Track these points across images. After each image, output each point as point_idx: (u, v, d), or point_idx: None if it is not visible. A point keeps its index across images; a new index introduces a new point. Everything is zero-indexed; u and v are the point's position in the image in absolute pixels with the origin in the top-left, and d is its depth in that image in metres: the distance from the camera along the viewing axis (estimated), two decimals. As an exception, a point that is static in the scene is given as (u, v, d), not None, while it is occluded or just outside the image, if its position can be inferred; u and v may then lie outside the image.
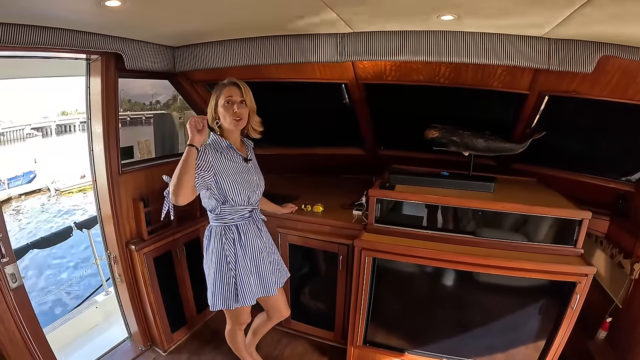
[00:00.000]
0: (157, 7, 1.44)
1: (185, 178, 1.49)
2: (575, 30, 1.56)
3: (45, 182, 16.78)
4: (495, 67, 1.92)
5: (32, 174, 16.97)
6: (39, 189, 16.66)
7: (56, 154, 20.52)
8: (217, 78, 2.09)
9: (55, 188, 16.55)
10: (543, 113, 2.20)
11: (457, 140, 2.17)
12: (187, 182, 1.50)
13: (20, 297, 1.78)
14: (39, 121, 29.11)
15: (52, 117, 30.29)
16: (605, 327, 2.51)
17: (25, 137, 25.85)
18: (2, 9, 1.30)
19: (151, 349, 2.43)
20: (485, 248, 1.94)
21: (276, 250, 1.96)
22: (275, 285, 1.86)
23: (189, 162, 1.49)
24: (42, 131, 28.71)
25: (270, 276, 1.84)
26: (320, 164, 3.03)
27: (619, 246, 2.42)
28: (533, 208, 1.89)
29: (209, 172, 1.59)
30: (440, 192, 2.01)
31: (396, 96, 2.35)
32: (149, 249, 2.22)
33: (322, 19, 1.62)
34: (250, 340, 2.17)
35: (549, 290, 1.93)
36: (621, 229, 2.37)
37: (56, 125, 29.93)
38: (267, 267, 1.83)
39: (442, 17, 1.55)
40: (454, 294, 2.11)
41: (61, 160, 18.75)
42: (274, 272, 1.86)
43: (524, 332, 2.04)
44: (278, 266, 1.92)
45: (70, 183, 16.86)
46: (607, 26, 1.45)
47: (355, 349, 2.20)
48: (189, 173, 1.50)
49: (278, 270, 1.91)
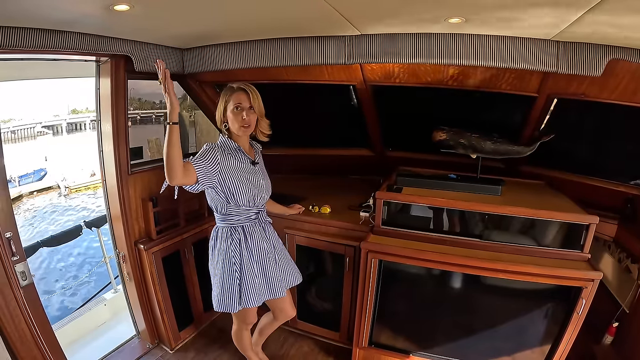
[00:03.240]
0: (165, 10, 1.44)
1: (170, 156, 1.43)
2: (585, 33, 1.53)
3: (56, 180, 17.00)
4: (504, 69, 1.90)
5: (43, 171, 17.21)
6: (49, 187, 16.88)
7: (67, 152, 20.78)
8: (225, 79, 2.10)
9: (66, 185, 16.77)
10: (552, 116, 2.16)
11: (464, 143, 2.15)
12: (173, 160, 1.44)
13: (30, 294, 1.80)
14: (50, 119, 29.46)
15: (62, 115, 30.64)
16: (611, 332, 2.48)
17: (36, 135, 26.17)
18: (16, 14, 1.32)
19: (158, 346, 2.46)
20: (491, 252, 1.92)
21: (286, 254, 1.96)
22: (281, 288, 1.85)
23: (171, 140, 1.42)
24: (52, 129, 29.05)
25: (276, 279, 1.84)
26: (328, 164, 3.03)
27: (627, 251, 2.37)
28: (540, 212, 1.87)
29: (215, 168, 1.60)
30: (447, 195, 2.00)
31: (404, 98, 2.34)
32: (157, 248, 2.24)
33: (330, 21, 1.61)
34: (257, 339, 2.18)
35: (555, 294, 1.92)
36: (629, 233, 2.34)
37: (67, 123, 30.27)
38: (273, 269, 1.83)
39: (450, 19, 1.54)
40: (460, 296, 2.10)
41: (72, 158, 18.99)
42: (280, 275, 1.87)
43: (530, 336, 2.02)
44: (286, 269, 1.92)
45: (81, 180, 17.08)
46: (616, 29, 1.42)
47: (360, 350, 2.19)
48: (173, 150, 1.43)
49: (285, 273, 1.90)
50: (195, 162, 1.56)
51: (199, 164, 1.56)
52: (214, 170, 1.60)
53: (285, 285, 1.89)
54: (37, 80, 5.11)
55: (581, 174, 2.40)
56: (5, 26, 1.42)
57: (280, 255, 1.90)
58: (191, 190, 1.62)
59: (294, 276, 1.96)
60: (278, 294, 1.84)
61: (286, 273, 1.91)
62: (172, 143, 1.42)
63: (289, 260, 1.96)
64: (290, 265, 1.95)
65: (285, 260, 1.93)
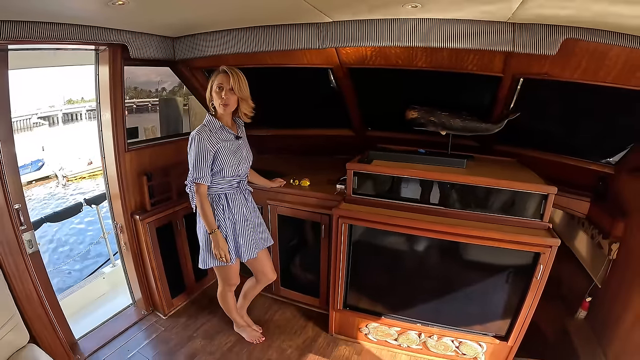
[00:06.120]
0: (157, 3, 1.81)
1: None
2: (535, 14, 1.77)
3: (54, 170, 17.78)
4: (468, 51, 2.15)
5: (41, 161, 17.95)
6: (47, 177, 17.64)
7: (63, 142, 21.57)
8: (214, 65, 2.42)
9: (63, 175, 17.54)
10: (520, 95, 2.42)
11: (434, 121, 2.49)
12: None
13: (36, 261, 2.17)
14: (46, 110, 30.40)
15: (58, 105, 31.60)
16: (585, 306, 2.74)
17: (32, 126, 27.13)
18: (23, 9, 1.67)
19: (153, 313, 2.87)
20: (456, 219, 2.22)
21: (261, 220, 2.35)
22: (256, 249, 2.25)
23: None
24: (48, 120, 29.99)
25: (253, 240, 2.23)
26: (313, 144, 3.40)
27: (599, 227, 2.62)
28: (500, 182, 2.15)
29: (210, 157, 2.01)
30: (412, 167, 2.33)
31: (381, 80, 2.65)
32: (151, 219, 2.64)
33: (302, 10, 1.94)
34: (242, 302, 2.58)
35: (517, 261, 2.19)
36: (601, 210, 2.57)
37: (63, 113, 31.21)
38: (250, 232, 2.22)
39: (407, 5, 1.84)
40: (427, 263, 2.42)
41: (68, 148, 19.75)
42: (256, 237, 2.26)
43: (495, 301, 2.31)
44: (262, 233, 2.32)
45: (78, 170, 17.88)
46: (559, 10, 1.65)
47: (336, 312, 2.58)
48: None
49: (260, 236, 2.30)
50: (202, 178, 2.03)
51: (204, 173, 2.02)
52: (210, 160, 2.02)
53: (260, 246, 2.29)
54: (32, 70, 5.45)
55: (555, 152, 2.65)
56: (17, 20, 1.77)
57: (257, 220, 2.30)
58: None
59: (267, 239, 2.37)
60: (254, 254, 2.23)
61: (261, 236, 2.30)
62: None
63: (263, 225, 2.36)
64: (264, 229, 2.35)
65: (260, 225, 2.32)
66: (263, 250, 2.35)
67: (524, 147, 2.80)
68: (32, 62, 3.25)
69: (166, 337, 2.65)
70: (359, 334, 2.63)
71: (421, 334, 2.48)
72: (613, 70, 1.94)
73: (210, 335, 2.66)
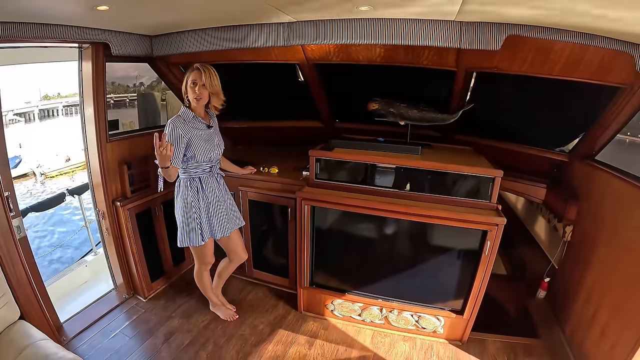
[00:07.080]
0: (136, 7, 2.07)
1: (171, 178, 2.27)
2: (477, 13, 1.96)
3: (31, 167, 17.87)
4: (422, 47, 2.36)
5: (18, 158, 17.96)
6: (25, 174, 17.72)
7: (40, 139, 21.59)
8: (189, 61, 2.67)
9: (41, 172, 17.67)
10: (475, 88, 2.66)
11: (394, 112, 2.80)
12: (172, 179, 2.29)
13: (24, 246, 2.37)
14: (21, 106, 30.31)
15: (34, 102, 31.51)
16: (544, 287, 3.07)
17: (8, 123, 27.07)
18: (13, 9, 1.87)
19: (133, 297, 3.13)
20: (410, 200, 2.49)
21: (233, 202, 2.63)
22: (228, 229, 2.53)
23: (170, 175, 2.24)
24: (24, 117, 29.94)
25: (226, 220, 2.51)
26: (285, 136, 3.69)
27: (554, 211, 2.91)
28: (449, 166, 2.42)
29: (183, 143, 2.27)
30: (369, 154, 2.62)
31: (345, 74, 2.91)
32: (131, 205, 2.90)
33: (264, 11, 2.21)
34: (217, 282, 2.86)
35: (468, 239, 2.43)
36: (556, 195, 2.87)
37: (39, 110, 31.12)
38: (222, 213, 2.50)
39: (360, 7, 2.08)
40: (387, 243, 2.72)
41: (46, 145, 19.77)
42: (228, 218, 2.54)
43: (450, 278, 2.58)
44: (233, 214, 2.59)
45: (56, 166, 18.01)
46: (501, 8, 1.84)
47: (303, 290, 2.87)
48: (172, 177, 2.26)
49: (232, 217, 2.58)
50: (175, 160, 2.25)
51: (177, 157, 2.26)
52: (183, 146, 2.27)
53: (233, 226, 2.57)
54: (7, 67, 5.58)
55: (512, 142, 2.91)
56: (4, 21, 1.97)
57: (228, 202, 2.58)
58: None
59: (239, 220, 2.64)
60: (227, 232, 2.52)
61: (232, 217, 2.58)
62: (171, 176, 2.25)
63: (235, 207, 2.64)
64: (236, 210, 2.63)
65: (232, 206, 2.60)
66: (235, 231, 2.63)
67: (483, 137, 3.06)
68: (9, 59, 3.50)
69: (146, 318, 2.90)
70: (325, 311, 2.91)
71: (382, 309, 2.75)
72: (557, 63, 2.16)
73: (188, 315, 2.93)
